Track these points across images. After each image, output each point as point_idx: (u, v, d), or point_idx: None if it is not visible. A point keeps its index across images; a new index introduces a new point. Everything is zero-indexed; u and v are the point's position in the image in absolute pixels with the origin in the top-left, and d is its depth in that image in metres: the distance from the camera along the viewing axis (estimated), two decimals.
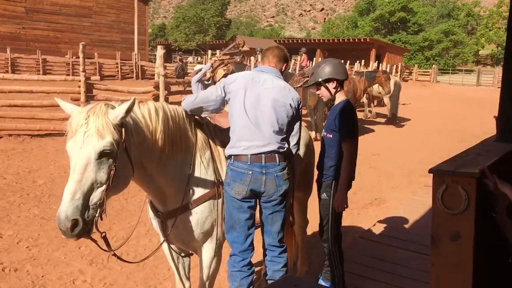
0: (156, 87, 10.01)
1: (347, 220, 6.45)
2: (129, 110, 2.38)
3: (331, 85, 3.49)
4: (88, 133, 2.28)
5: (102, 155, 2.28)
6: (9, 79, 10.24)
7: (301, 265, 4.29)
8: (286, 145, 2.95)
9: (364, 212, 6.90)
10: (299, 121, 3.06)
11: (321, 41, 44.94)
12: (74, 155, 2.27)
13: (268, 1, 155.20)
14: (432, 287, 2.47)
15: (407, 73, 39.78)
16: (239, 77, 2.95)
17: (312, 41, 46.02)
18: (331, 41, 44.39)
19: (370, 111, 17.12)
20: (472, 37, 56.75)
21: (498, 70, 42.08)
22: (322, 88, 3.53)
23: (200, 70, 10.18)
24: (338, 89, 3.53)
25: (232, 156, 2.88)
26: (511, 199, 2.24)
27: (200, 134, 2.98)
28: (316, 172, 4.04)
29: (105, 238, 2.43)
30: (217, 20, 43.27)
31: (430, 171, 2.45)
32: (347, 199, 3.50)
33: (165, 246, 3.13)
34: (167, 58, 41.57)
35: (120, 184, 2.43)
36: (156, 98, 10.02)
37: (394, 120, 15.83)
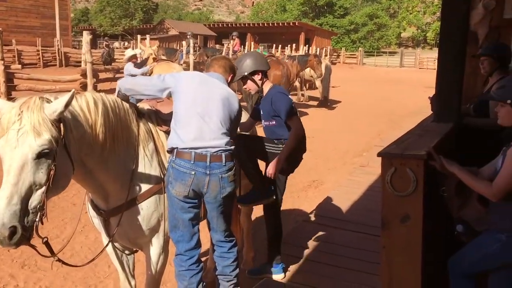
0: (84, 74, 9.48)
1: (287, 203, 6.50)
2: (68, 104, 2.16)
3: (257, 77, 3.55)
4: (22, 131, 2.06)
5: (40, 154, 2.07)
6: None
7: (247, 252, 4.26)
8: (232, 144, 2.85)
9: (303, 194, 6.99)
10: (238, 124, 3.08)
11: (251, 25, 44.91)
12: (8, 155, 2.04)
13: None
14: (384, 269, 2.51)
15: (335, 56, 40.81)
16: (190, 72, 2.98)
17: (242, 25, 45.86)
18: (261, 25, 44.49)
19: (302, 95, 17.38)
20: (395, 20, 59.14)
21: (419, 52, 44.33)
22: (249, 81, 3.58)
23: (133, 56, 9.82)
24: (264, 80, 3.59)
25: (175, 151, 2.72)
26: (458, 177, 2.30)
27: (142, 125, 2.81)
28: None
29: (47, 244, 2.22)
30: (143, 3, 41.91)
31: (379, 154, 2.46)
32: (281, 169, 3.53)
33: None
34: (93, 44, 39.60)
35: (61, 183, 2.22)
36: (84, 87, 9.51)
37: (326, 102, 16.18)
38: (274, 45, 27.07)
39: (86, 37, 9.40)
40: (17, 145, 2.04)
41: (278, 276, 3.71)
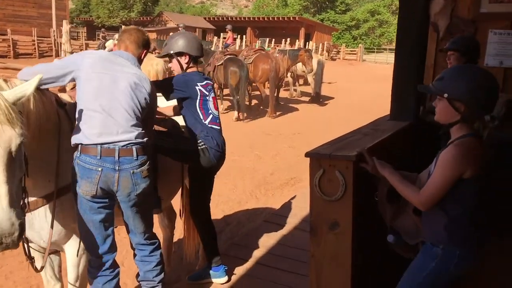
0: None
1: (260, 201, 6.32)
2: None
3: (183, 60, 3.29)
4: None
5: (20, 144, 1.98)
6: None
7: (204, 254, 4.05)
8: (145, 136, 2.59)
9: (279, 192, 6.79)
10: (153, 113, 2.82)
11: (251, 19, 44.56)
12: None
13: None
14: (312, 280, 2.30)
15: (335, 52, 40.46)
16: (94, 55, 2.58)
17: (242, 19, 45.53)
18: (261, 19, 44.14)
19: (295, 90, 17.13)
20: (397, 17, 58.61)
21: None
22: (174, 61, 3.31)
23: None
24: (191, 65, 3.33)
25: (79, 147, 2.47)
26: (387, 184, 2.09)
27: (63, 115, 2.59)
28: None
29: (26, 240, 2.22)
30: None
31: (307, 154, 2.25)
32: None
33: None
34: (91, 35, 39.51)
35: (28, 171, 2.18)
36: None
37: (317, 98, 15.93)
38: (274, 39, 26.79)
39: (65, 27, 9.20)
40: None
41: (219, 280, 3.49)
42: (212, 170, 3.41)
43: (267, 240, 4.18)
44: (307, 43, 30.23)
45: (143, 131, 2.58)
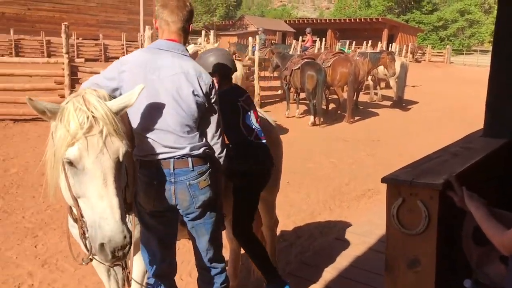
0: None
1: (334, 214, 6.00)
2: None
3: (215, 79, 2.97)
4: (105, 133, 1.88)
5: (125, 155, 1.96)
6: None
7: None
8: (203, 145, 2.38)
9: (354, 204, 6.42)
10: (215, 113, 2.45)
11: (332, 21, 43.93)
12: (96, 164, 1.85)
13: None
14: None
15: (420, 54, 38.67)
16: (130, 64, 2.31)
17: (323, 21, 45.01)
18: (342, 21, 43.36)
19: (376, 94, 16.47)
20: (490, 16, 54.94)
21: None
22: None
23: (196, 52, 9.67)
24: (224, 82, 3.04)
25: (137, 160, 2.36)
26: (475, 220, 1.74)
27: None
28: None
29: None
30: (224, 0, 42.39)
31: (383, 180, 1.96)
32: None
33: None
34: None
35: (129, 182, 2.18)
36: None
37: (400, 103, 15.19)
38: (354, 42, 26.10)
39: (148, 32, 9.43)
40: (105, 151, 1.87)
41: None
42: (257, 188, 3.19)
43: (339, 261, 3.88)
44: (390, 44, 29.13)
45: (201, 138, 2.39)
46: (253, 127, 3.08)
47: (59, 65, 9.32)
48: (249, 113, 3.08)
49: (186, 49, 2.41)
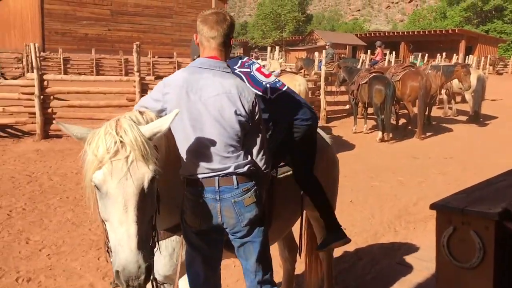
0: None
1: (399, 236, 5.71)
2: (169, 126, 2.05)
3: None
4: (131, 159, 1.88)
5: (153, 181, 1.93)
6: (66, 80, 10.52)
7: None
8: (247, 163, 2.34)
9: (421, 226, 6.07)
10: (260, 129, 2.40)
11: (405, 33, 42.73)
12: (119, 189, 1.86)
13: None
14: None
15: (502, 66, 36.48)
16: (173, 85, 2.32)
17: (395, 33, 43.89)
18: (416, 33, 42.04)
19: (450, 108, 15.67)
20: None
21: None
22: None
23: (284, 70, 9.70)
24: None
25: (185, 179, 2.35)
26: None
27: None
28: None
29: (155, 280, 2.18)
30: (294, 15, 42.63)
31: (432, 206, 1.79)
32: None
33: None
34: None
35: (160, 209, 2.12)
36: None
37: (477, 118, 14.33)
38: (427, 54, 25.18)
39: None
40: (128, 176, 1.86)
41: None
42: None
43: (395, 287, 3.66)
44: (468, 57, 27.76)
45: (246, 156, 2.35)
46: (264, 83, 2.92)
47: (131, 82, 9.76)
48: (252, 74, 2.93)
49: (228, 65, 2.38)
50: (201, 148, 2.29)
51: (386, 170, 8.60)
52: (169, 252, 2.43)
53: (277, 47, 13.90)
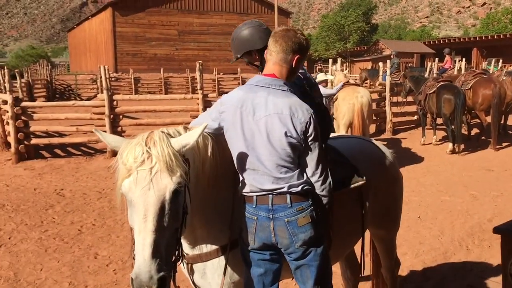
0: None
1: (472, 254, 5.34)
2: (198, 138, 2.07)
3: (254, 58, 2.74)
4: (155, 170, 1.92)
5: (176, 193, 1.96)
6: (134, 99, 10.97)
7: None
8: (302, 183, 2.28)
9: (497, 244, 5.59)
10: (315, 150, 2.31)
11: (477, 38, 40.71)
12: (141, 198, 1.90)
13: (421, 1, 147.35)
14: None
15: None
16: (229, 104, 2.33)
17: (467, 39, 41.97)
18: (490, 37, 39.93)
19: None
20: None
21: None
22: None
23: (324, 80, 9.57)
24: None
25: (243, 197, 2.35)
26: None
27: None
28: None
29: None
30: (358, 26, 41.96)
31: (496, 230, 1.64)
32: None
33: None
34: (311, 69, 41.59)
35: (188, 222, 2.12)
36: None
37: None
38: (501, 59, 23.80)
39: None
40: (151, 186, 1.91)
41: None
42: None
43: None
44: None
45: (301, 176, 2.29)
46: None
47: (195, 100, 10.02)
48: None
49: (285, 83, 2.32)
50: (255, 168, 2.28)
51: (457, 183, 8.14)
52: (218, 272, 2.40)
53: (339, 59, 13.68)
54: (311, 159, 2.31)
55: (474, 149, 10.97)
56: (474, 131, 12.81)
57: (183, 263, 2.60)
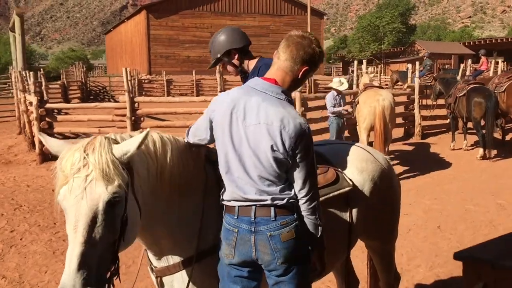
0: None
1: None
2: (141, 145, 1.93)
3: (234, 57, 3.04)
4: (90, 178, 1.81)
5: (112, 204, 1.83)
6: (155, 101, 11.01)
7: None
8: (287, 195, 2.11)
9: None
10: (303, 167, 2.11)
11: None
12: (73, 208, 1.80)
13: (463, 1, 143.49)
14: None
15: None
16: (220, 102, 2.20)
17: (510, 40, 40.31)
18: None
19: None
20: None
21: None
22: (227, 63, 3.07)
23: (341, 83, 9.31)
24: (244, 58, 3.07)
25: (224, 205, 2.21)
26: None
27: (211, 172, 2.36)
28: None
29: None
30: (393, 27, 41.02)
31: (456, 256, 1.44)
32: None
33: None
34: (344, 70, 40.97)
35: (132, 235, 1.97)
36: None
37: None
38: None
39: None
40: (84, 195, 1.80)
41: None
42: None
43: None
44: None
45: (287, 190, 2.12)
46: None
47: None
48: None
49: (284, 92, 2.14)
50: (239, 176, 2.13)
51: (485, 192, 7.71)
52: (185, 285, 2.27)
53: (364, 60, 13.33)
54: (298, 177, 2.12)
55: (508, 155, 10.42)
56: (510, 136, 12.22)
57: (152, 277, 2.50)
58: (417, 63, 12.87)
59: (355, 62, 12.94)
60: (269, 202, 2.08)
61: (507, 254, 1.37)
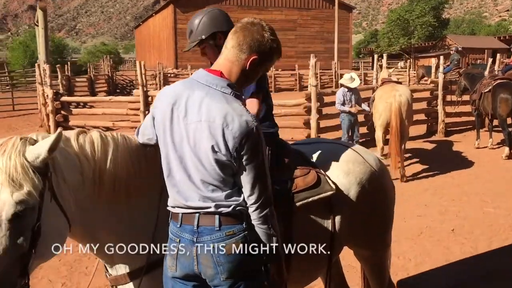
0: (308, 98, 9.30)
1: (507, 278, 4.67)
2: (52, 148, 1.73)
3: (219, 42, 2.51)
4: None
5: (17, 213, 1.66)
6: None
7: None
8: (235, 202, 1.88)
9: None
10: (251, 170, 1.87)
11: None
12: None
13: None
14: None
15: None
16: (163, 97, 1.98)
17: None
18: None
19: None
20: None
21: None
22: (207, 48, 2.61)
23: (353, 80, 8.93)
24: None
25: (170, 212, 2.00)
26: None
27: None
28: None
29: None
30: (423, 20, 39.80)
31: (400, 285, 1.21)
32: None
33: None
34: (373, 65, 39.89)
35: (47, 248, 1.79)
36: (308, 111, 9.34)
37: None
38: None
39: (312, 61, 9.20)
40: None
41: None
42: None
43: None
44: None
45: (235, 196, 1.90)
46: None
47: None
48: None
49: (230, 85, 1.89)
50: (181, 180, 1.92)
51: (507, 193, 7.28)
52: None
53: (384, 55, 12.90)
54: (246, 181, 1.88)
55: None
56: None
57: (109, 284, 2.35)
58: (441, 57, 12.33)
59: (375, 56, 12.52)
60: (213, 209, 1.85)
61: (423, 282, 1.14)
